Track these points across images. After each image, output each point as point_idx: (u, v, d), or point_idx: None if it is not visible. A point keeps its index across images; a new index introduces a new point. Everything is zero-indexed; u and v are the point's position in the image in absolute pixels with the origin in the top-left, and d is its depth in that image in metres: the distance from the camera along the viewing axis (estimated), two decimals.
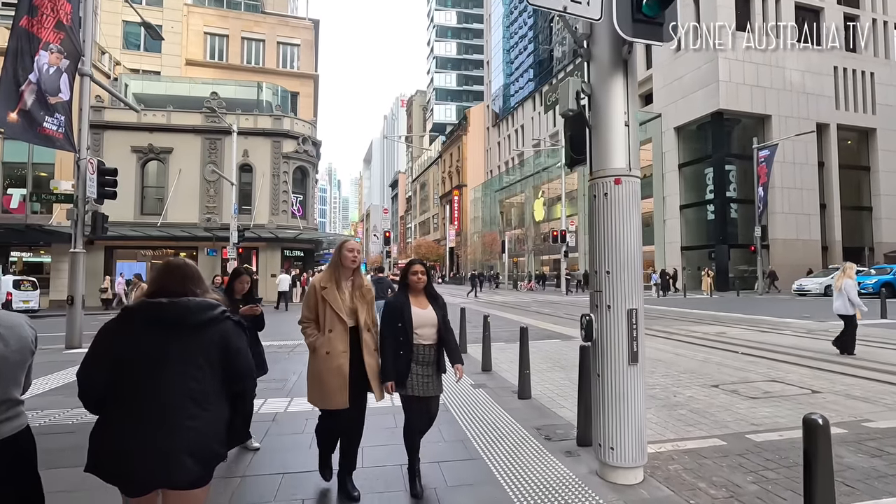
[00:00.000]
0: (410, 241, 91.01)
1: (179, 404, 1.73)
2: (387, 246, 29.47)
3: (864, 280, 22.89)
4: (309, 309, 3.16)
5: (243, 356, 1.91)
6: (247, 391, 1.99)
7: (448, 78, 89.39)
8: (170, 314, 1.78)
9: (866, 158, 33.78)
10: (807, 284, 24.69)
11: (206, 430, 1.76)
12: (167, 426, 1.70)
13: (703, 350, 8.69)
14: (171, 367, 1.75)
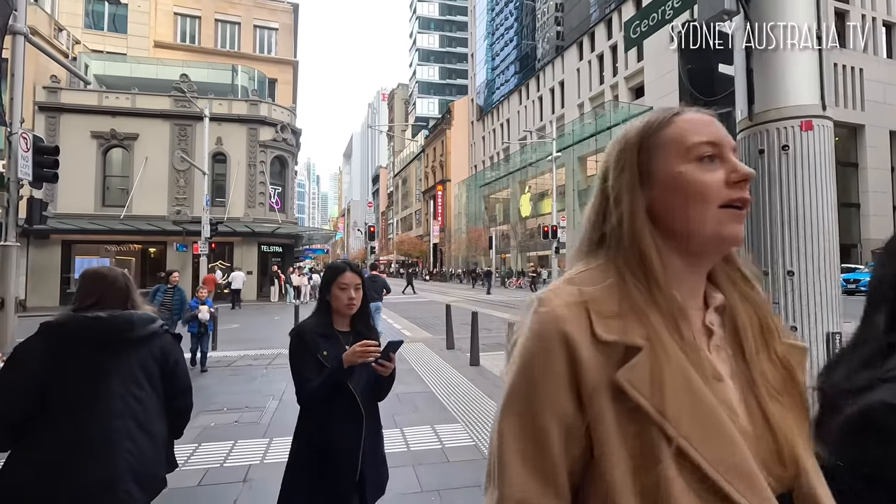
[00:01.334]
0: (392, 237, 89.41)
1: (121, 427, 1.60)
2: (371, 242, 28.00)
3: (863, 277, 22.50)
4: None
5: (182, 370, 1.85)
6: (187, 408, 1.90)
7: (431, 71, 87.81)
8: (110, 329, 1.65)
9: (855, 155, 33.67)
10: None
11: (150, 454, 1.65)
12: (108, 452, 1.56)
13: None
14: (110, 386, 1.62)
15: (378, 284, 9.01)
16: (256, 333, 11.72)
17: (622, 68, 37.01)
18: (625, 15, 36.65)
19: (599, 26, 39.60)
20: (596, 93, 40.09)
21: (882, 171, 33.86)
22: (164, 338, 1.80)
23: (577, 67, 42.68)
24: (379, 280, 9.06)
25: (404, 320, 14.17)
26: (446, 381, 6.33)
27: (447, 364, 7.46)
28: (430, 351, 8.69)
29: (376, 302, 8.97)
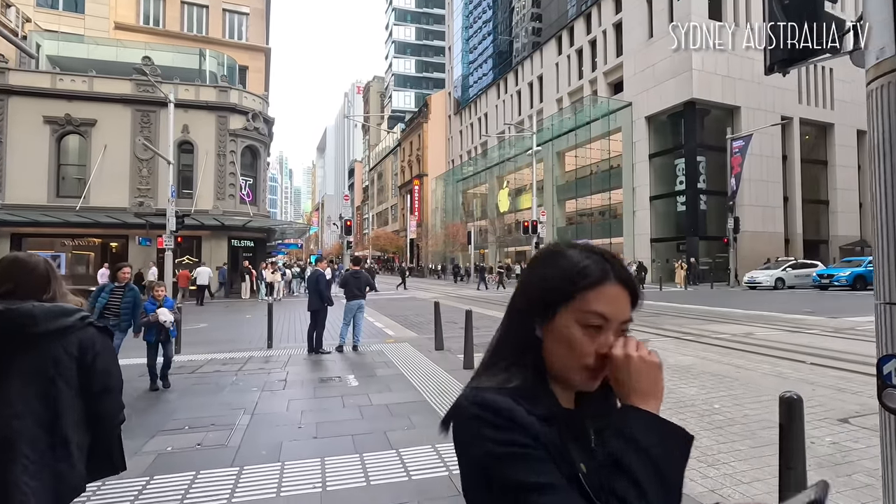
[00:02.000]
0: (368, 233, 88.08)
1: (21, 429, 1.47)
2: (347, 236, 27.05)
3: (837, 272, 22.82)
4: None
5: (102, 367, 1.64)
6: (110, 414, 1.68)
7: (407, 64, 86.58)
8: (6, 323, 1.51)
9: (824, 153, 34.47)
10: (758, 276, 24.40)
11: (56, 459, 1.51)
12: (4, 458, 1.45)
13: (759, 359, 7.21)
14: (9, 386, 1.50)
15: (362, 281, 8.30)
16: (226, 333, 10.85)
17: (601, 63, 36.89)
18: (604, 11, 36.55)
19: (579, 21, 39.38)
20: (575, 87, 39.93)
21: (850, 169, 34.76)
22: (84, 331, 1.63)
23: (555, 62, 42.43)
24: (362, 276, 8.34)
25: (386, 318, 13.47)
26: (441, 388, 5.70)
27: (439, 367, 6.84)
28: (418, 352, 8.05)
29: (359, 300, 8.27)
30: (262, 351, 8.35)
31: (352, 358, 7.75)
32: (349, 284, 8.22)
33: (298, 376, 6.46)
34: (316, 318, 8.06)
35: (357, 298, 8.21)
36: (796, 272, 24.39)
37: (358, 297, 8.21)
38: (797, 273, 24.39)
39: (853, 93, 34.81)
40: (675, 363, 6.86)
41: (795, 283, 23.96)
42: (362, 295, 8.28)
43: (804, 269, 24.78)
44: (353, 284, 8.20)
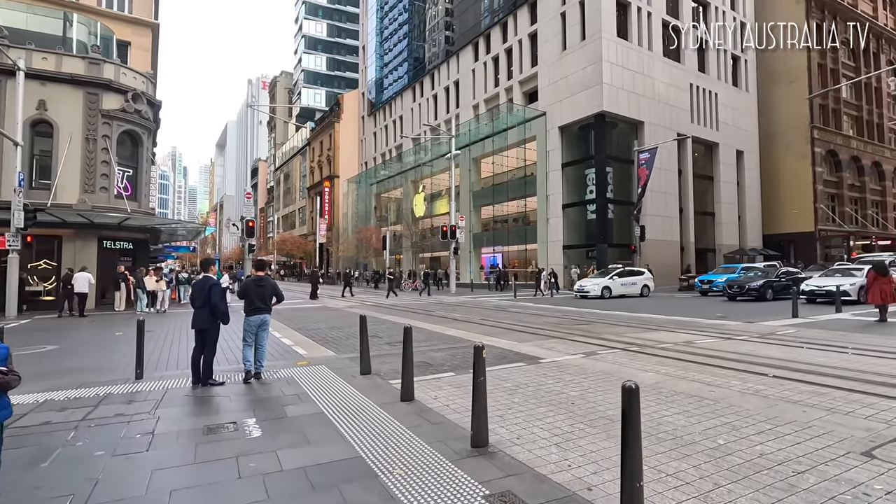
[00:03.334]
0: (272, 236, 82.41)
1: None
2: (249, 238, 24.21)
3: (715, 278, 23.73)
4: None
5: None
6: None
7: (318, 60, 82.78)
8: None
9: (711, 169, 37.86)
10: (586, 285, 23.39)
11: None
12: None
13: (723, 374, 6.68)
14: None
15: (267, 290, 6.56)
16: (79, 360, 8.40)
17: (517, 72, 37.43)
18: (520, 21, 37.16)
19: (495, 29, 39.73)
20: (491, 94, 40.16)
21: (731, 185, 38.54)
22: None
23: (472, 68, 42.47)
24: (268, 284, 6.61)
25: (295, 333, 11.59)
26: (380, 434, 4.30)
27: (369, 401, 5.40)
28: (339, 378, 6.52)
29: (263, 314, 6.53)
30: (128, 384, 6.30)
31: (253, 390, 6.02)
32: (251, 294, 6.45)
33: (174, 424, 4.67)
34: (204, 338, 6.20)
35: (260, 312, 6.47)
36: (622, 280, 23.74)
37: (262, 311, 6.48)
38: (623, 281, 23.72)
39: (734, 117, 38.78)
40: (641, 381, 6.05)
41: (623, 293, 23.34)
42: (267, 308, 6.55)
43: (631, 276, 24.24)
44: (257, 294, 6.45)
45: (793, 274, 20.57)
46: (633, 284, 23.89)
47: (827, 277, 17.40)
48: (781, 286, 19.13)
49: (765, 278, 19.52)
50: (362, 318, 7.00)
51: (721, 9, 38.10)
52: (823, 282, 17.01)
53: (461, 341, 9.88)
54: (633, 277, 24.22)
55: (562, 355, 8.02)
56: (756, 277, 19.87)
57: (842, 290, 15.58)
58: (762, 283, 19.00)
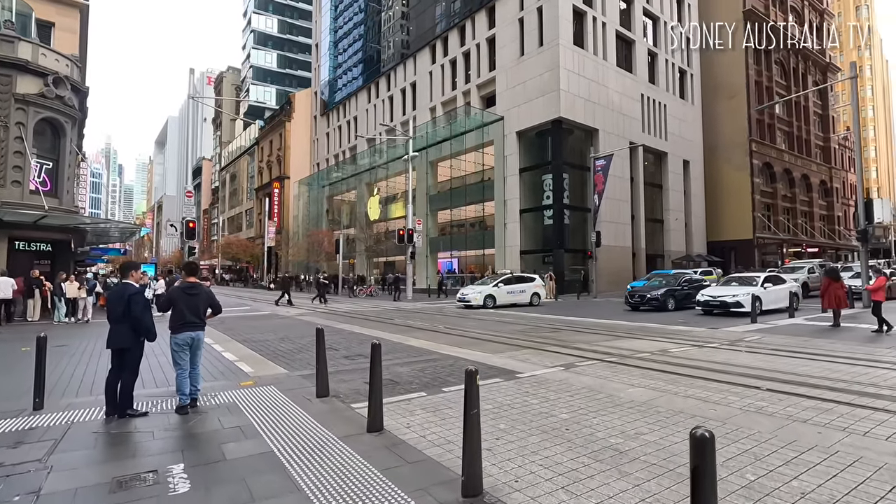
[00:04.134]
0: (217, 239, 78.23)
1: None
2: (190, 241, 22.30)
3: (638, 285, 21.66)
4: None
5: None
6: None
7: (269, 57, 79.67)
8: None
9: (660, 177, 39.08)
10: (468, 294, 20.90)
11: None
12: None
13: (714, 388, 6.24)
14: None
15: (200, 299, 5.47)
16: None
17: (475, 76, 37.18)
18: (478, 25, 36.97)
19: (453, 32, 39.36)
20: (448, 98, 39.71)
21: (679, 193, 39.95)
22: None
23: (429, 70, 41.89)
24: (201, 293, 5.51)
25: (239, 345, 10.38)
26: (347, 484, 3.44)
27: (329, 433, 4.50)
28: (292, 403, 5.56)
29: (196, 330, 5.40)
30: (21, 417, 5.06)
31: (183, 422, 4.97)
32: (180, 305, 5.30)
33: (72, 478, 3.60)
34: (122, 360, 5.07)
35: (193, 328, 5.33)
36: (509, 288, 21.47)
37: (194, 326, 5.35)
38: (510, 289, 21.45)
39: (681, 128, 40.27)
40: (633, 399, 5.51)
41: (511, 301, 21.14)
42: (201, 323, 5.46)
43: (519, 283, 22.01)
44: (187, 305, 5.32)
45: (696, 282, 19.35)
46: (522, 292, 21.68)
47: (724, 287, 16.29)
48: (683, 295, 18.04)
49: (666, 287, 18.29)
50: (319, 330, 6.06)
51: (669, 23, 39.55)
52: (719, 292, 15.76)
53: (427, 353, 9.07)
54: (522, 285, 22.05)
55: (539, 368, 7.39)
56: (658, 286, 18.71)
57: (735, 302, 14.80)
58: (663, 291, 17.82)
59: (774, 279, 16.39)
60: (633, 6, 36.48)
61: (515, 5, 33.81)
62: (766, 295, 15.19)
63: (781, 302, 15.49)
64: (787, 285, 16.25)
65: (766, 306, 15.00)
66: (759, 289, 15.19)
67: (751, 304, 13.89)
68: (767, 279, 16.05)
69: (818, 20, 56.23)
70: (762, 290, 15.21)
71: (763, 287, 15.45)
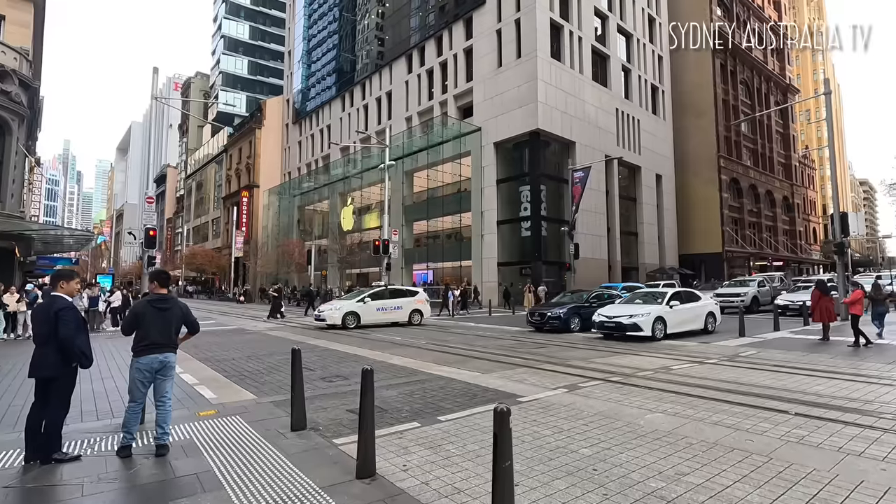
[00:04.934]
0: (180, 249, 75.11)
1: None
2: (150, 249, 20.77)
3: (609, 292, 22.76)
4: None
5: None
6: None
7: (239, 63, 77.84)
8: None
9: (634, 191, 39.49)
10: (324, 311, 17.41)
11: None
12: None
13: (737, 412, 5.67)
14: None
15: (171, 315, 4.44)
16: None
17: (451, 86, 36.87)
18: (455, 35, 36.77)
19: (430, 42, 39.07)
20: (425, 107, 39.25)
21: (652, 207, 40.43)
22: None
23: (405, 80, 41.41)
24: (173, 307, 4.51)
25: (201, 365, 9.31)
26: None
27: (310, 482, 3.66)
28: (262, 440, 4.67)
29: (164, 353, 4.37)
30: None
31: (124, 469, 4.03)
32: (146, 322, 4.35)
33: None
34: (47, 392, 4.10)
35: (160, 350, 4.35)
36: (380, 304, 17.55)
37: (162, 348, 4.36)
38: (382, 305, 17.60)
39: (653, 142, 40.93)
40: (656, 428, 4.88)
41: (383, 320, 17.42)
42: (171, 344, 4.48)
43: (395, 298, 18.22)
44: (156, 322, 4.34)
45: (606, 299, 16.18)
46: (397, 309, 17.91)
47: (625, 306, 13.73)
48: (591, 313, 14.65)
49: (571, 304, 15.85)
50: (296, 351, 5.20)
51: (642, 41, 40.35)
52: (616, 311, 13.13)
53: (413, 373, 8.27)
54: (398, 300, 18.16)
55: (540, 390, 6.70)
56: (566, 302, 16.30)
57: (631, 324, 12.29)
58: (567, 310, 15.19)
59: (685, 296, 13.96)
60: (607, 22, 37.05)
61: (493, 17, 33.78)
62: (672, 315, 12.82)
63: (692, 323, 13.41)
64: (700, 303, 14.03)
65: (672, 328, 12.73)
66: (663, 308, 12.78)
67: (650, 325, 12.14)
68: (676, 296, 13.45)
69: (778, 44, 58.75)
70: (667, 310, 12.78)
71: (669, 306, 12.91)
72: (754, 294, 22.40)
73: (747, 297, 21.98)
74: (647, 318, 12.35)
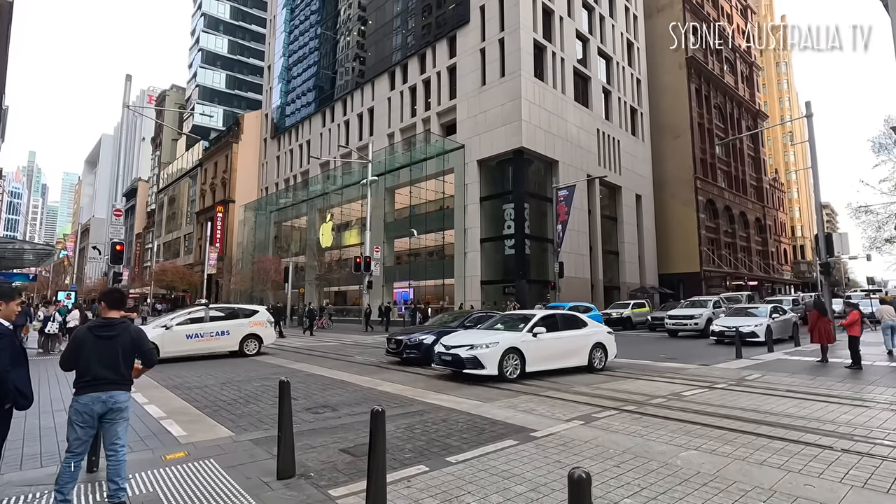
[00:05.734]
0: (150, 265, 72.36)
1: None
2: (116, 265, 19.52)
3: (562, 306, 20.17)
4: None
5: None
6: None
7: (217, 77, 76.65)
8: None
9: (615, 210, 39.76)
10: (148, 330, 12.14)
11: None
12: None
13: (778, 451, 5.15)
14: None
15: (119, 344, 3.59)
16: None
17: (434, 104, 36.72)
18: (439, 53, 36.80)
19: (413, 59, 39.00)
20: (407, 124, 38.94)
21: (632, 226, 40.73)
22: None
23: (387, 96, 41.13)
24: (122, 334, 3.62)
25: (169, 394, 8.37)
26: None
27: None
28: (241, 493, 3.91)
29: (111, 391, 3.54)
30: None
31: None
32: (85, 353, 3.52)
33: None
34: None
35: (106, 387, 3.51)
36: (193, 329, 13.25)
37: (108, 385, 3.53)
38: (194, 331, 13.26)
39: (633, 163, 41.47)
40: (697, 469, 4.30)
41: (199, 351, 13.26)
42: (121, 380, 3.62)
43: (220, 322, 13.84)
44: (98, 354, 3.53)
45: (486, 320, 12.07)
46: (222, 336, 13.68)
47: (476, 332, 10.57)
48: None
49: (441, 327, 12.80)
50: (284, 383, 4.46)
51: (622, 64, 41.16)
52: (460, 340, 9.84)
53: (409, 402, 7.53)
54: (223, 323, 13.89)
55: (553, 423, 6.07)
56: (432, 326, 13.70)
57: (469, 358, 9.06)
58: (436, 335, 11.62)
59: (562, 321, 10.58)
60: (588, 45, 37.67)
61: (477, 36, 33.92)
62: (536, 346, 9.58)
63: (569, 357, 10.17)
64: (584, 332, 10.70)
65: (535, 364, 9.53)
66: (522, 336, 9.55)
67: (496, 361, 8.97)
68: (546, 321, 10.11)
69: (748, 71, 61.05)
70: (528, 340, 9.55)
71: (532, 333, 9.65)
72: (709, 316, 20.44)
73: (701, 320, 20.22)
74: (493, 350, 9.06)
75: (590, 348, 10.57)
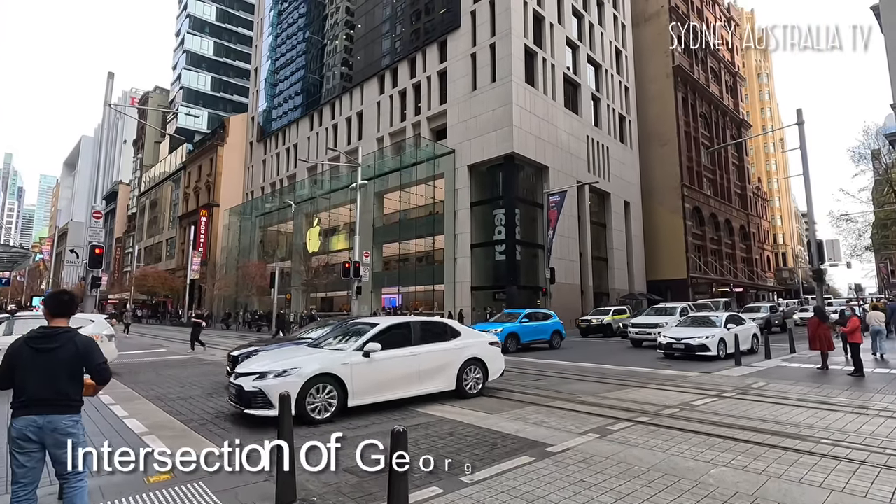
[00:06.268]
0: (130, 270, 70.63)
1: None
2: (94, 269, 18.71)
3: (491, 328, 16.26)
4: None
5: None
6: None
7: (202, 79, 75.49)
8: None
9: (604, 217, 39.85)
10: None
11: None
12: None
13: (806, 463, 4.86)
14: None
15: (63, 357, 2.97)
16: None
17: (425, 108, 36.47)
18: (429, 58, 36.60)
19: (403, 63, 38.75)
20: (397, 129, 38.61)
21: (621, 233, 40.87)
22: None
23: (377, 100, 40.78)
24: (64, 347, 2.98)
25: (151, 407, 7.83)
26: None
27: None
28: None
29: (51, 415, 2.93)
30: None
31: None
32: (19, 368, 2.94)
33: None
34: None
35: (42, 409, 2.93)
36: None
37: (46, 407, 2.95)
38: None
39: (621, 170, 41.68)
40: (734, 489, 3.99)
41: None
42: (63, 400, 3.00)
43: None
44: (33, 369, 2.94)
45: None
46: None
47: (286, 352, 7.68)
48: None
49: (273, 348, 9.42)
50: (284, 397, 4.04)
51: (610, 72, 41.45)
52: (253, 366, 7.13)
53: (410, 413, 7.12)
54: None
55: (568, 436, 5.72)
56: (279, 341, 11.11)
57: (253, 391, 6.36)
58: None
59: (415, 333, 7.91)
60: (578, 52, 37.84)
61: (468, 41, 33.83)
62: (364, 371, 6.97)
63: (416, 383, 7.53)
64: (450, 344, 8.15)
65: (359, 396, 6.85)
66: (345, 357, 6.96)
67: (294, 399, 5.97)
68: (387, 333, 7.59)
69: (732, 81, 62.13)
70: (357, 361, 6.96)
71: (363, 353, 7.08)
72: (677, 322, 17.79)
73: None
74: (288, 379, 6.32)
75: (459, 366, 8.03)
